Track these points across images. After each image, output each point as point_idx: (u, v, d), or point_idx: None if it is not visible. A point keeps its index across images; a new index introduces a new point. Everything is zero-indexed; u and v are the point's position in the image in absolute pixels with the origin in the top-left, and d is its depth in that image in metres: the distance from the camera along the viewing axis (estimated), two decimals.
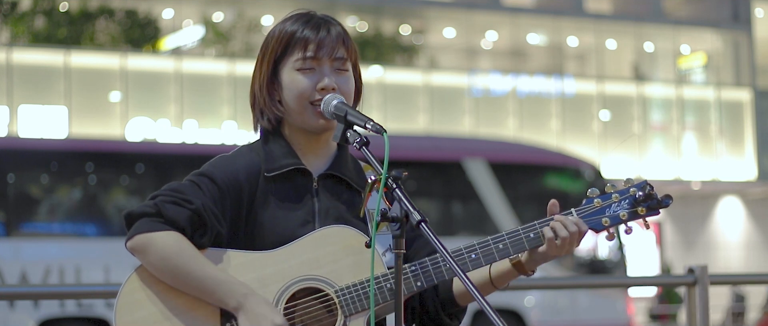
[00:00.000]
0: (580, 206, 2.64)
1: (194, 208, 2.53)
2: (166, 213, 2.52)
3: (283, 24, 2.70)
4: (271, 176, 2.63)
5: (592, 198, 2.64)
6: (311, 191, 2.65)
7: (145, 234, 2.51)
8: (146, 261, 2.53)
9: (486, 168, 14.02)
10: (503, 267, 2.67)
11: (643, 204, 2.62)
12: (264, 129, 2.71)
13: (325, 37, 2.65)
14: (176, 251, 2.50)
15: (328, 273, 2.56)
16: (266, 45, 2.70)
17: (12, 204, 12.35)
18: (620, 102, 29.31)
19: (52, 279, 11.72)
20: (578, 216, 2.62)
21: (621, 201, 2.63)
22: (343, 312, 2.55)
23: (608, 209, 2.63)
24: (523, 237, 2.61)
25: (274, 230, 2.59)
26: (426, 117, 26.76)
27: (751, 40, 31.07)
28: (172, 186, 2.58)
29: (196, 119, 24.71)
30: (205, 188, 2.58)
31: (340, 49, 2.67)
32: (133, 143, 18.18)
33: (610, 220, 2.62)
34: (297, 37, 2.65)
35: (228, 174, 2.61)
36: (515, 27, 29.44)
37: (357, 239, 2.58)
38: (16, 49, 23.75)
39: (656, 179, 28.70)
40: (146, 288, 2.54)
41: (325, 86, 2.62)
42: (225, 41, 26.12)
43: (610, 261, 14.67)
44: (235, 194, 2.60)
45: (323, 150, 2.70)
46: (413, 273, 2.57)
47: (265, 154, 2.65)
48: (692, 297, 4.67)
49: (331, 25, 2.69)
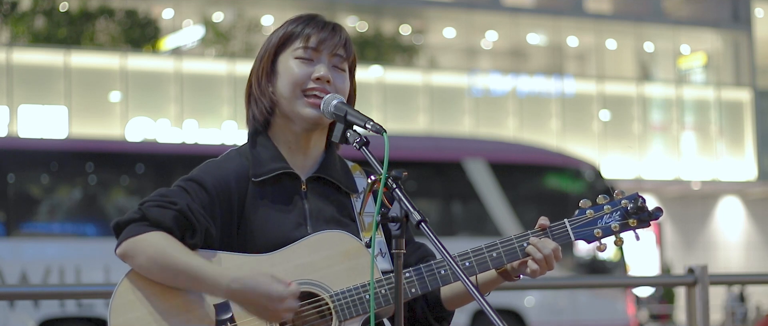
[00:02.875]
0: (572, 217, 2.67)
1: (178, 208, 2.52)
2: (150, 216, 2.52)
3: (287, 23, 2.73)
4: (259, 181, 2.62)
5: (585, 209, 2.66)
6: (300, 194, 2.64)
7: (132, 239, 2.51)
8: (136, 264, 2.52)
9: (486, 169, 14.01)
10: (490, 274, 2.68)
11: (635, 216, 2.65)
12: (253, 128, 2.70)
13: (329, 35, 2.66)
14: (161, 249, 2.49)
15: (324, 278, 2.56)
16: (270, 39, 2.72)
17: (12, 204, 12.35)
18: (620, 102, 29.31)
19: (52, 279, 11.72)
20: (571, 228, 2.65)
21: (613, 213, 2.66)
22: (338, 316, 2.54)
23: (600, 220, 2.65)
24: (517, 246, 2.62)
25: (266, 234, 2.58)
26: (426, 117, 26.76)
27: (751, 40, 31.08)
28: (158, 191, 2.58)
29: (196, 119, 24.71)
30: (192, 192, 2.57)
31: (341, 49, 2.67)
32: (133, 143, 18.17)
33: (602, 231, 2.65)
34: (300, 30, 2.67)
35: (217, 179, 2.60)
36: (515, 27, 29.44)
37: (352, 244, 2.58)
38: (16, 49, 23.75)
39: (656, 179, 28.72)
40: (140, 290, 2.54)
41: (320, 76, 2.62)
42: (225, 41, 26.13)
43: (610, 261, 14.67)
44: (225, 198, 2.59)
45: (311, 151, 2.69)
46: (408, 280, 2.56)
47: (253, 158, 2.65)
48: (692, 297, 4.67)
49: (337, 27, 2.70)
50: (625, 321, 14.10)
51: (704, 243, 30.18)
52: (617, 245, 2.65)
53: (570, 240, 2.65)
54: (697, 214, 30.13)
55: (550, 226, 2.64)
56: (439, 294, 2.72)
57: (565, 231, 2.65)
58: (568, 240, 2.65)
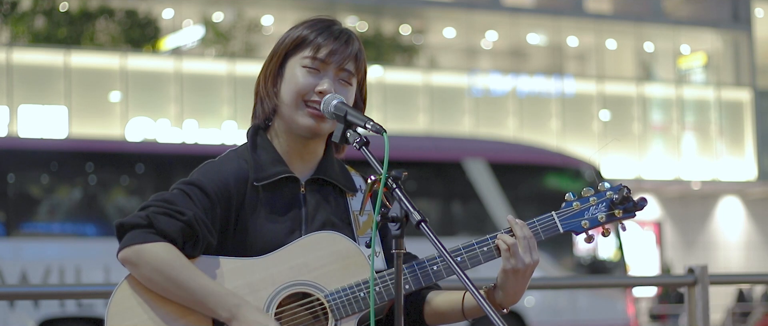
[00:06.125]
0: (559, 209, 2.68)
1: (186, 220, 2.52)
2: (158, 224, 2.51)
3: (303, 24, 2.71)
4: (261, 185, 2.62)
5: (571, 201, 2.68)
6: (299, 198, 2.65)
7: (137, 246, 2.50)
8: (138, 272, 2.52)
9: (486, 169, 14.01)
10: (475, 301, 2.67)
11: (620, 206, 2.66)
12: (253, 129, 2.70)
13: (340, 48, 2.65)
14: (168, 263, 2.49)
15: (318, 278, 2.57)
16: (282, 40, 2.70)
17: (12, 204, 12.35)
18: (620, 102, 29.31)
19: (52, 279, 11.72)
20: (558, 219, 2.66)
21: (598, 204, 2.67)
22: (334, 315, 2.55)
23: (586, 212, 2.67)
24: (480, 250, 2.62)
25: (262, 237, 2.59)
26: (426, 117, 26.77)
27: (751, 40, 31.07)
28: (163, 197, 2.56)
29: (196, 119, 24.71)
30: (195, 198, 2.56)
31: (350, 64, 2.67)
32: (133, 143, 18.17)
33: (589, 223, 2.67)
34: (312, 38, 2.65)
35: (217, 182, 2.59)
36: (515, 27, 29.44)
37: (345, 244, 2.59)
38: (16, 49, 23.75)
39: (656, 179, 28.73)
40: (138, 296, 2.54)
41: (323, 90, 2.62)
42: (225, 41, 26.12)
43: (610, 262, 14.67)
44: (224, 202, 2.59)
45: (310, 154, 2.69)
46: None
47: (254, 161, 2.64)
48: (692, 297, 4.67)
49: (350, 39, 2.69)
50: (625, 321, 14.10)
51: (704, 243, 30.18)
52: (605, 236, 2.68)
53: (558, 231, 2.66)
54: (697, 214, 30.12)
55: (538, 219, 2.66)
56: (422, 308, 2.73)
57: (553, 223, 2.66)
58: (557, 231, 2.66)
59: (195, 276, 2.50)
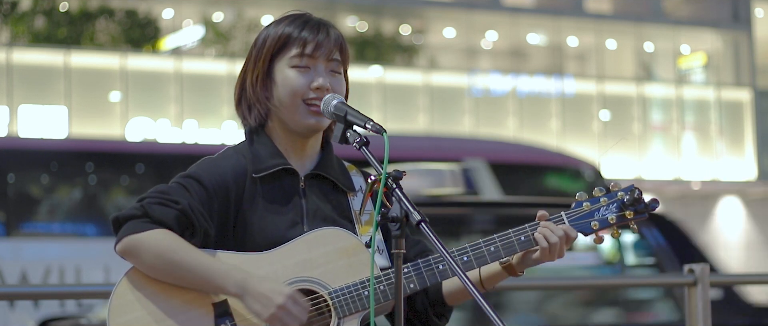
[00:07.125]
0: (569, 209, 2.67)
1: (181, 208, 2.52)
2: (152, 213, 2.51)
3: (279, 23, 2.69)
4: (259, 177, 2.62)
5: (581, 201, 2.67)
6: (299, 192, 2.64)
7: (134, 235, 2.50)
8: (139, 262, 2.51)
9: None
10: (493, 268, 2.68)
11: (631, 208, 2.65)
12: (249, 128, 2.69)
13: (324, 39, 2.64)
14: (168, 246, 2.48)
15: (322, 275, 2.56)
16: (262, 41, 2.66)
17: (12, 204, 12.35)
18: (620, 102, 29.31)
19: (52, 279, 11.71)
20: (568, 220, 2.65)
21: (609, 205, 2.66)
22: (337, 313, 2.54)
23: (597, 213, 2.66)
24: (514, 240, 2.62)
25: (263, 232, 2.58)
26: (426, 117, 26.76)
27: (751, 40, 31.07)
28: (158, 188, 2.56)
29: (196, 119, 24.71)
30: (192, 189, 2.56)
31: (337, 53, 2.66)
32: (133, 143, 18.17)
33: (599, 224, 2.65)
34: (295, 36, 2.64)
35: (215, 176, 2.60)
36: (515, 27, 29.44)
37: (350, 241, 2.58)
38: (16, 49, 23.75)
39: (656, 179, 28.73)
40: (139, 290, 2.53)
41: (319, 86, 2.61)
42: (225, 41, 26.12)
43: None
44: (222, 196, 2.58)
45: (309, 152, 2.69)
46: (406, 276, 2.56)
47: (252, 155, 2.64)
48: (692, 297, 4.66)
49: (329, 28, 2.68)
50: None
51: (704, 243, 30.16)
52: (615, 237, 2.66)
53: None
54: (697, 214, 30.11)
55: (548, 219, 2.65)
56: (441, 288, 2.72)
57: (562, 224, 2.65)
58: None
59: (197, 256, 2.49)
